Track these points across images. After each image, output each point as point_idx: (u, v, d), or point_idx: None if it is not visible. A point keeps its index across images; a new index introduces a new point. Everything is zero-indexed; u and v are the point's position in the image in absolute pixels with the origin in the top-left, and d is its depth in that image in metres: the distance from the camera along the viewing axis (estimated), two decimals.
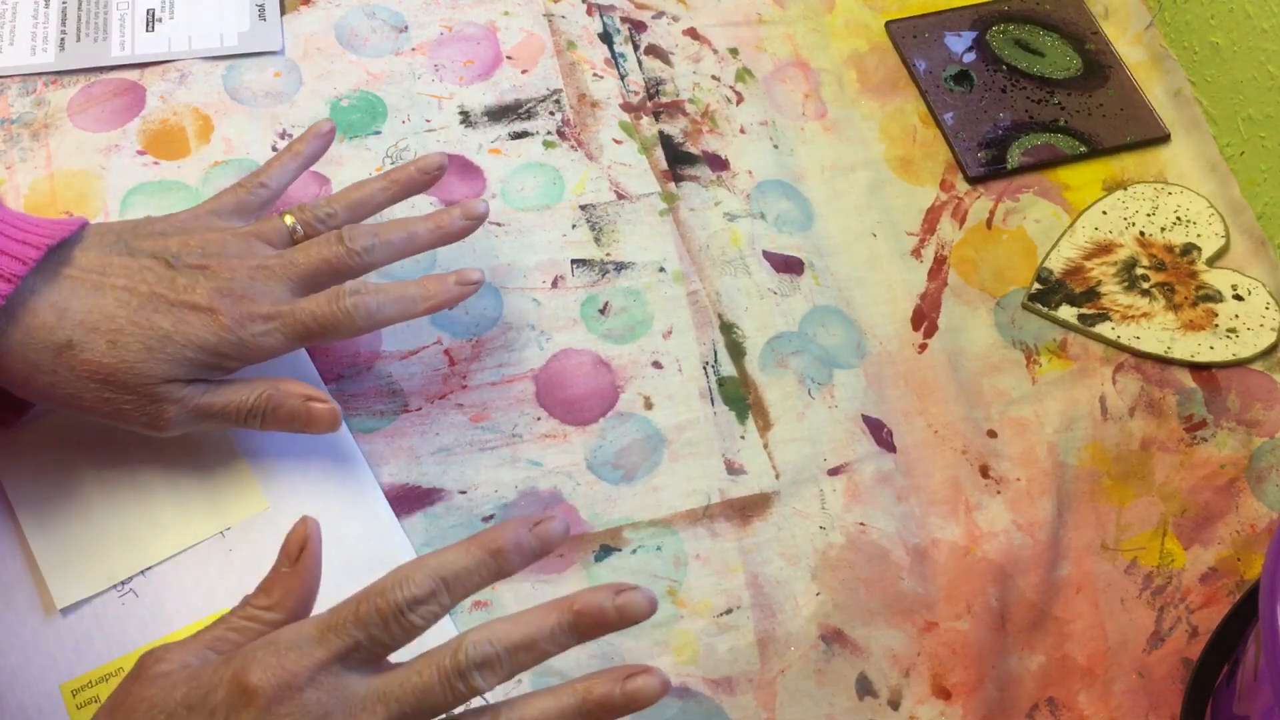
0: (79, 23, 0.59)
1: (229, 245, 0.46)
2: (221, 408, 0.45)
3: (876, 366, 0.55)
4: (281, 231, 0.47)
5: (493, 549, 0.36)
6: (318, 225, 0.48)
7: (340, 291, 0.45)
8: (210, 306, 0.44)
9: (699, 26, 0.64)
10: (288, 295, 0.46)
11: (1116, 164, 0.63)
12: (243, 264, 0.45)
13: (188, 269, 0.44)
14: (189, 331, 0.43)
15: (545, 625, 0.36)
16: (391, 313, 0.46)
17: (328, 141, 0.52)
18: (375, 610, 0.35)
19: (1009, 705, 0.48)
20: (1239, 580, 0.51)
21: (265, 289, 0.45)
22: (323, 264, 0.46)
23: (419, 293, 0.47)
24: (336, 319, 0.45)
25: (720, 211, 0.58)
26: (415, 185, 0.50)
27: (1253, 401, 0.55)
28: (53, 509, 0.46)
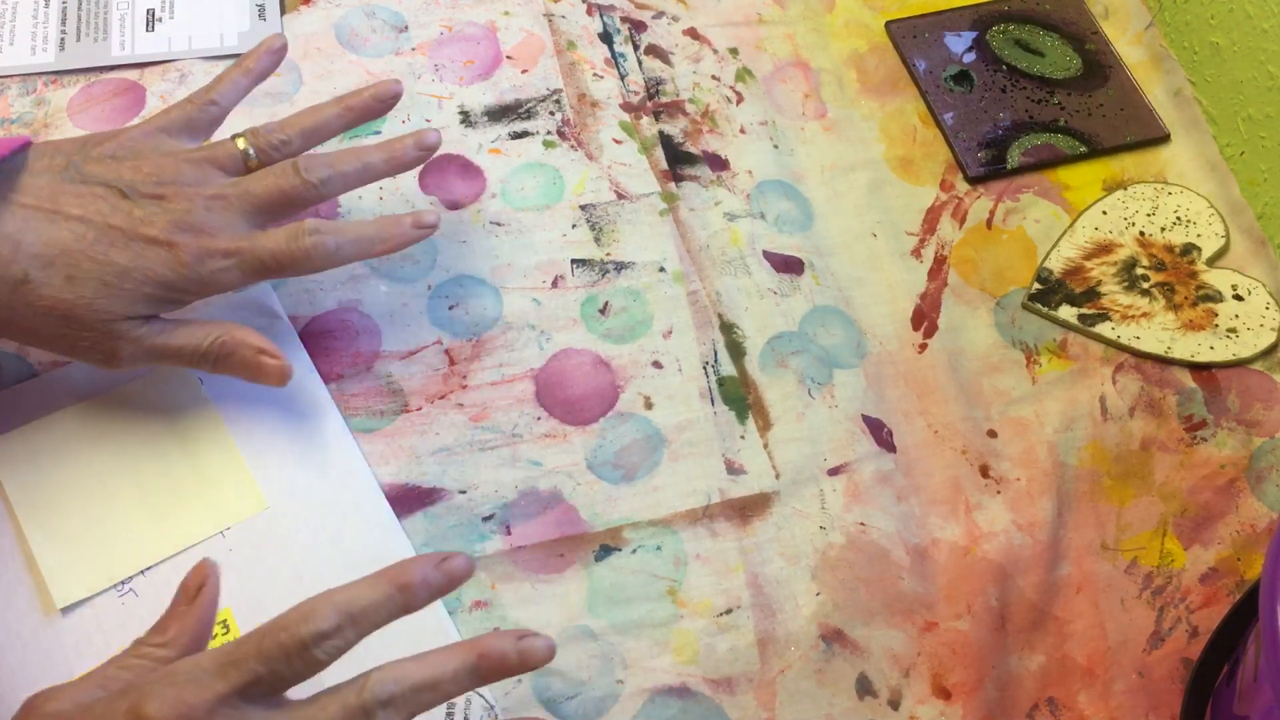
0: (79, 23, 0.59)
1: (184, 172, 0.45)
2: (177, 349, 0.45)
3: (876, 366, 0.55)
4: (235, 156, 0.47)
5: (400, 584, 0.36)
6: (271, 152, 0.47)
7: (300, 230, 0.45)
8: (169, 241, 0.43)
9: (699, 26, 0.64)
10: (245, 227, 0.45)
11: (1116, 164, 0.63)
12: (199, 193, 0.44)
13: (143, 199, 0.43)
14: (147, 267, 0.43)
15: (449, 667, 0.36)
16: (350, 253, 0.46)
17: (279, 58, 0.50)
18: (278, 644, 0.34)
19: (1009, 705, 0.48)
20: (1239, 580, 0.51)
21: (223, 221, 0.44)
22: (279, 194, 0.46)
23: (377, 233, 0.47)
24: (295, 257, 0.45)
25: (720, 211, 0.58)
26: (370, 112, 0.50)
27: (1253, 401, 0.55)
28: (53, 509, 0.46)
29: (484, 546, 0.48)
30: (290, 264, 0.45)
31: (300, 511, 0.47)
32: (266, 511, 0.47)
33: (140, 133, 0.46)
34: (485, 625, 0.46)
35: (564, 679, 0.46)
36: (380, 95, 0.50)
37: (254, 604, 0.45)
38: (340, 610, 0.35)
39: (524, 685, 0.45)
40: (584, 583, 0.48)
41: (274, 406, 0.49)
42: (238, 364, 0.46)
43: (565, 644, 0.46)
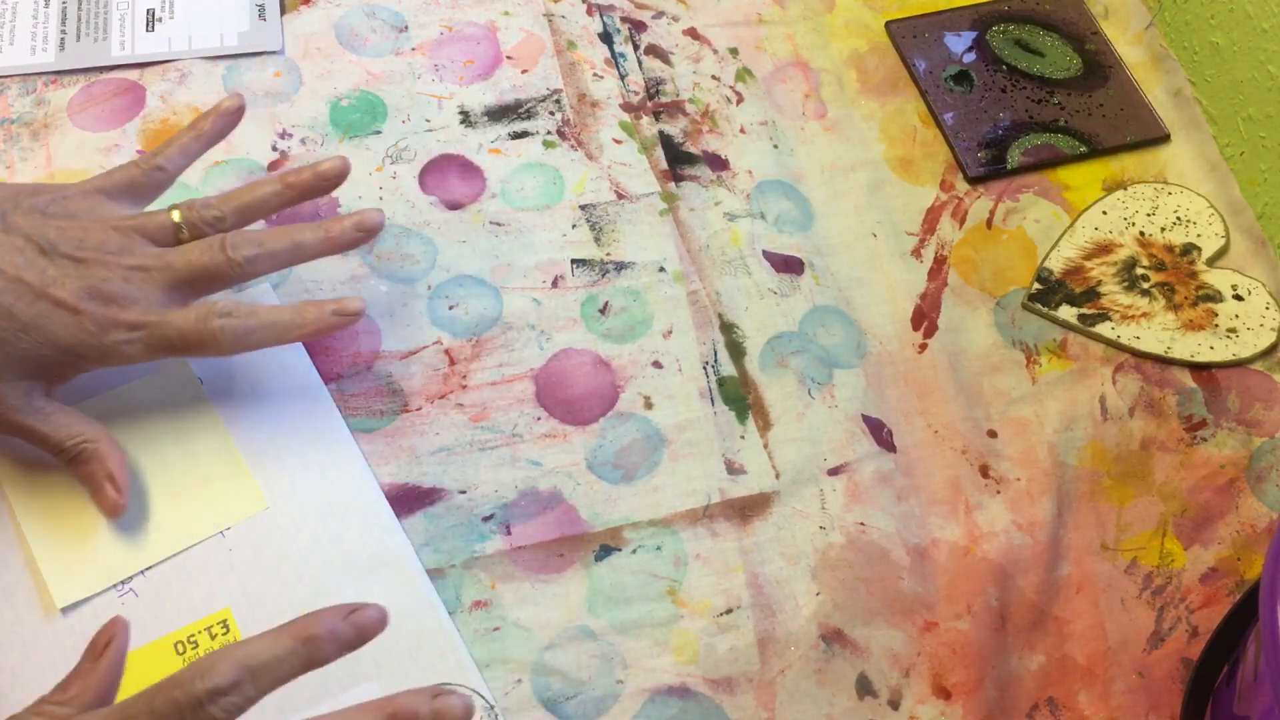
0: (79, 22, 0.59)
1: (109, 240, 0.44)
2: (42, 435, 0.44)
3: (876, 366, 0.55)
4: (166, 228, 0.46)
5: (304, 637, 0.35)
6: (204, 227, 0.46)
7: (210, 311, 0.44)
8: (76, 307, 0.42)
9: (699, 26, 0.64)
10: (161, 301, 0.44)
11: (1116, 164, 0.63)
12: (119, 262, 0.43)
13: (61, 259, 0.43)
14: (47, 327, 0.42)
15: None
16: (261, 338, 0.45)
17: (235, 120, 0.49)
18: (171, 701, 0.33)
19: (1009, 705, 0.48)
20: (1239, 580, 0.51)
21: (139, 293, 0.43)
22: (201, 270, 0.45)
23: (293, 319, 0.46)
24: (203, 339, 0.44)
25: (720, 211, 0.58)
26: (311, 190, 0.48)
27: (1253, 401, 0.55)
28: (53, 509, 0.46)
29: (484, 546, 0.48)
30: (198, 344, 0.44)
31: (300, 511, 0.47)
32: (266, 511, 0.47)
33: (79, 191, 0.45)
34: (485, 625, 0.46)
35: (564, 679, 0.46)
36: (323, 174, 0.48)
37: (253, 604, 0.45)
38: (239, 665, 0.34)
39: (524, 685, 0.45)
40: (584, 583, 0.48)
41: (274, 407, 0.49)
42: (86, 475, 0.45)
43: (565, 644, 0.46)
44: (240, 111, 0.49)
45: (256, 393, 0.49)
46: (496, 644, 0.46)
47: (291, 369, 0.50)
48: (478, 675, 0.45)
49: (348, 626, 0.36)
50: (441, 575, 0.47)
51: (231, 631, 0.45)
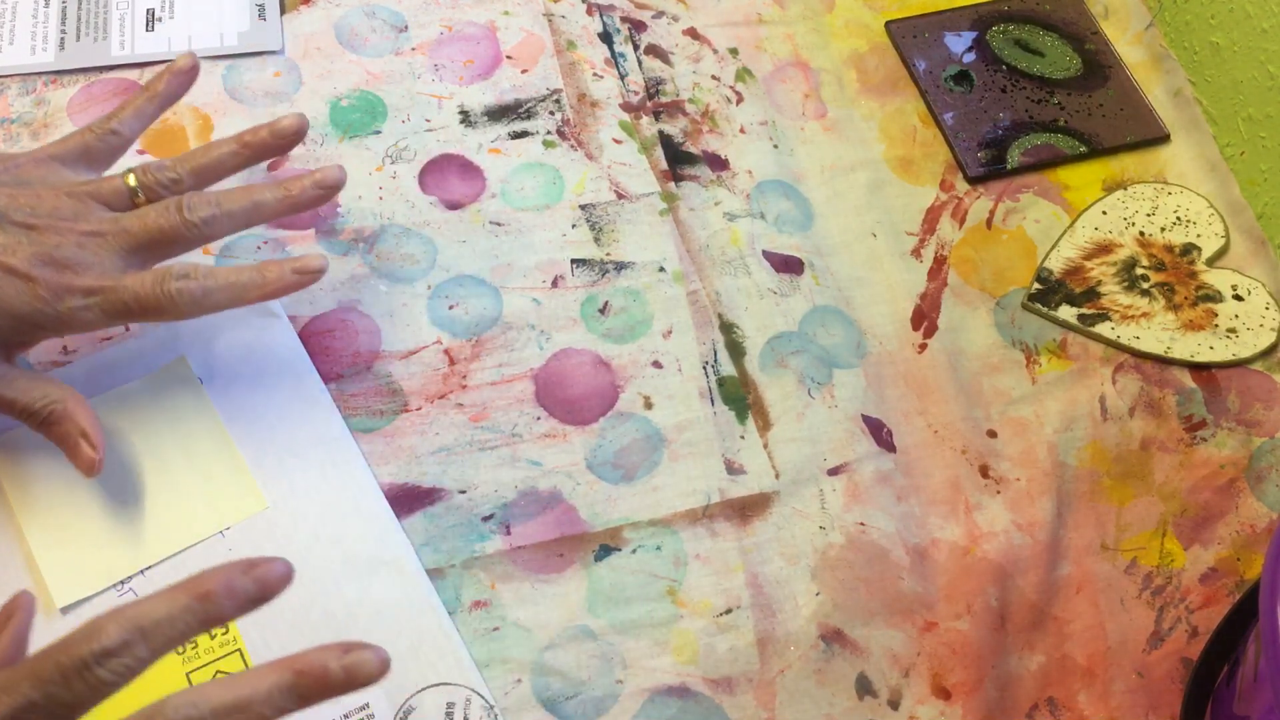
0: (79, 22, 0.59)
1: (62, 205, 0.43)
2: (9, 401, 0.43)
3: (876, 366, 0.55)
4: (121, 192, 0.45)
5: (199, 593, 0.33)
6: (160, 190, 0.45)
7: (167, 274, 0.43)
8: (28, 274, 0.41)
9: (699, 26, 0.64)
10: (117, 266, 0.43)
11: (1116, 164, 0.63)
12: (73, 228, 0.42)
13: (13, 226, 0.42)
14: (2, 300, 0.41)
15: (261, 687, 0.33)
16: (220, 299, 0.44)
17: (189, 79, 0.48)
18: (56, 665, 0.31)
19: (1009, 705, 0.48)
20: (1239, 580, 0.51)
21: (93, 258, 0.42)
22: (158, 233, 0.44)
23: (252, 279, 0.45)
24: (159, 302, 0.43)
25: (720, 211, 0.58)
26: (268, 149, 0.47)
27: (1253, 401, 0.55)
28: (53, 509, 0.46)
29: (484, 546, 0.48)
30: (154, 308, 0.43)
31: (300, 511, 0.47)
32: (266, 511, 0.47)
33: (31, 160, 0.45)
34: (485, 625, 0.46)
35: (564, 679, 0.46)
36: (279, 131, 0.47)
37: None
38: (128, 625, 0.32)
39: (524, 685, 0.45)
40: (584, 583, 0.48)
41: (274, 407, 0.49)
42: (60, 435, 0.43)
43: (565, 644, 0.46)
44: (194, 70, 0.48)
45: (256, 393, 0.49)
46: (496, 644, 0.46)
47: (291, 369, 0.50)
48: (478, 675, 0.45)
49: (248, 581, 0.34)
50: (441, 575, 0.47)
51: (231, 631, 0.45)
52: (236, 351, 0.50)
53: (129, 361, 0.50)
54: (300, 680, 0.33)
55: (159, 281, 0.43)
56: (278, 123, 0.47)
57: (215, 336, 0.50)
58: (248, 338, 0.51)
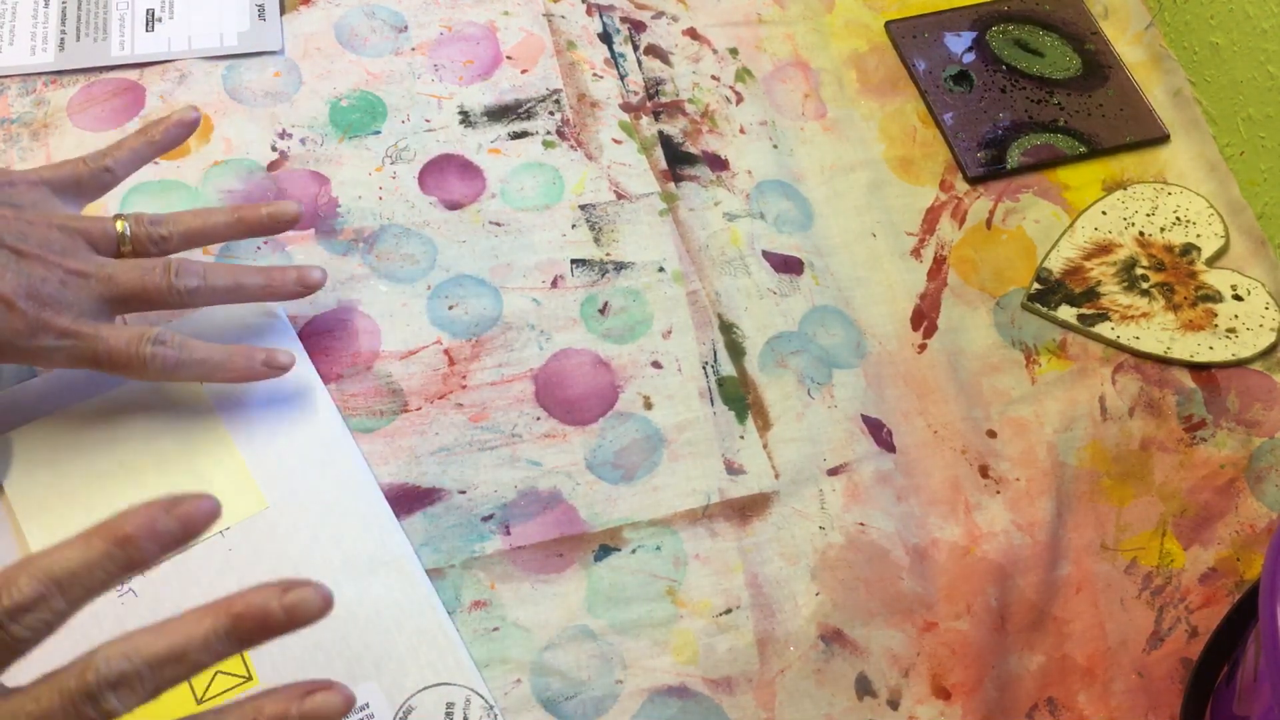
0: (79, 22, 0.59)
1: (53, 238, 0.43)
2: None
3: (876, 366, 0.55)
4: (110, 236, 0.45)
5: (118, 537, 0.31)
6: (149, 244, 0.46)
7: (145, 336, 0.43)
8: (10, 301, 0.41)
9: (699, 26, 0.64)
10: (94, 311, 0.44)
11: (1116, 164, 0.63)
12: (60, 263, 0.43)
13: (4, 250, 0.42)
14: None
15: (197, 633, 0.31)
16: (190, 373, 0.45)
17: (188, 131, 0.49)
18: None
19: (1009, 705, 0.48)
20: (1239, 580, 0.51)
21: (74, 300, 0.43)
22: (141, 290, 0.44)
23: (223, 360, 0.46)
24: (130, 362, 0.43)
25: (720, 211, 0.58)
26: (261, 228, 0.49)
27: (1252, 401, 0.55)
28: (53, 509, 0.46)
29: (483, 546, 0.48)
30: (124, 366, 0.43)
31: (300, 511, 0.47)
32: (266, 511, 0.47)
33: (25, 181, 0.45)
34: (485, 625, 0.46)
35: (563, 679, 0.46)
36: (276, 214, 0.48)
37: None
38: (41, 576, 0.30)
39: (523, 685, 0.45)
40: (583, 583, 0.48)
41: (274, 407, 0.49)
42: None
43: (565, 644, 0.46)
44: (195, 124, 0.49)
45: (256, 393, 0.49)
46: (496, 644, 0.46)
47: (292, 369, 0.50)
48: (477, 675, 0.45)
49: (170, 520, 0.32)
50: (441, 575, 0.47)
51: None
52: None
53: None
54: (239, 624, 0.32)
55: (135, 342, 0.43)
56: (277, 207, 0.48)
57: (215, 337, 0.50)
58: (247, 338, 0.51)
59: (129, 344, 0.43)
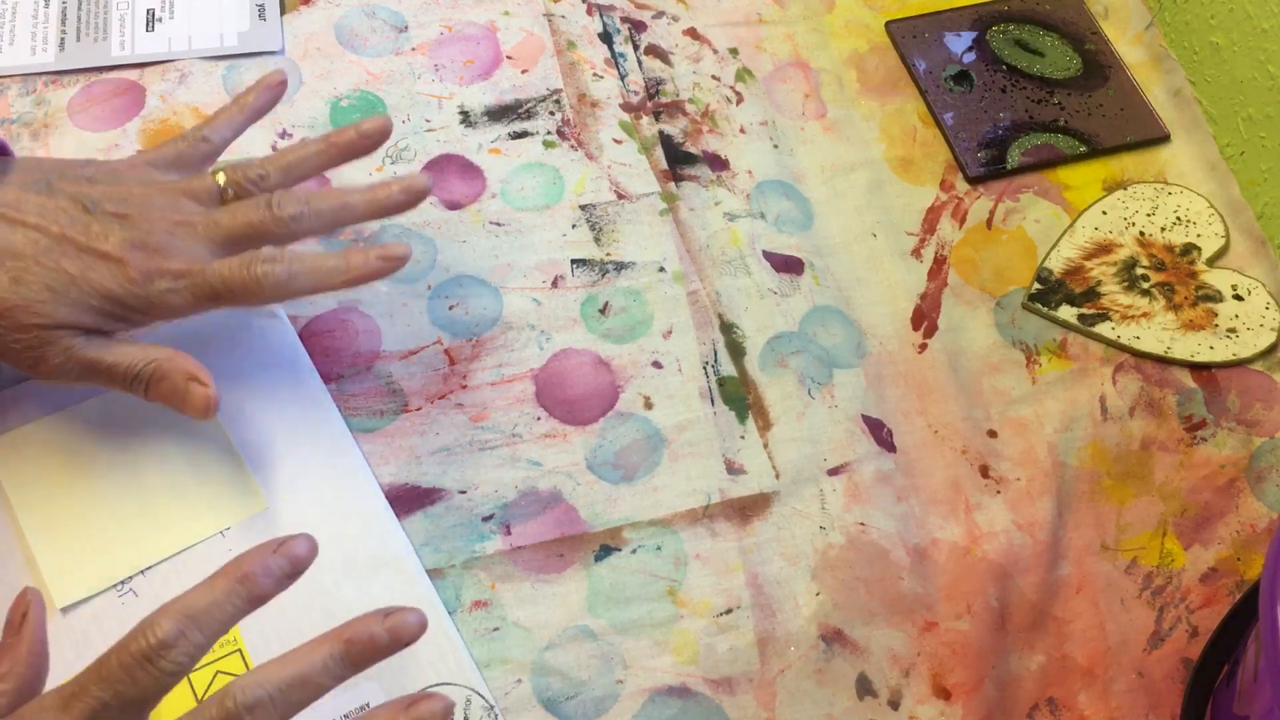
0: (79, 22, 0.59)
1: (154, 198, 0.45)
2: (109, 366, 0.44)
3: (876, 366, 0.55)
4: (211, 190, 0.46)
5: (239, 576, 0.35)
6: (249, 186, 0.47)
7: (254, 258, 0.44)
8: (119, 257, 0.43)
9: (699, 26, 0.65)
10: (205, 255, 0.44)
11: (1116, 164, 0.63)
12: (164, 217, 0.44)
13: (105, 215, 0.43)
14: (95, 279, 0.43)
15: (316, 660, 0.35)
16: (305, 284, 0.45)
17: (278, 94, 0.50)
18: (119, 665, 0.33)
19: (1009, 705, 0.48)
20: (1239, 580, 0.51)
21: (183, 245, 0.44)
22: (247, 227, 0.45)
23: (337, 265, 0.46)
24: (245, 284, 0.44)
25: (720, 211, 0.58)
26: (355, 149, 0.49)
27: (1253, 401, 0.55)
28: (53, 509, 0.46)
29: (484, 546, 0.48)
30: (241, 291, 0.44)
31: (300, 511, 0.47)
32: (266, 511, 0.47)
33: (127, 163, 0.46)
34: (485, 625, 0.46)
35: (564, 679, 0.46)
36: (366, 131, 0.48)
37: None
38: (179, 615, 0.34)
39: (524, 685, 0.45)
40: (584, 583, 0.48)
41: (274, 407, 0.49)
42: (168, 390, 0.44)
43: (565, 644, 0.46)
44: (283, 86, 0.50)
45: (256, 393, 0.49)
46: (496, 644, 0.46)
47: (291, 369, 0.50)
48: (478, 675, 0.45)
49: (279, 558, 0.36)
50: (441, 575, 0.47)
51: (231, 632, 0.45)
52: (237, 351, 0.50)
53: None
54: (351, 648, 0.35)
55: (246, 264, 0.44)
56: (362, 124, 0.48)
57: (215, 337, 0.50)
58: (248, 338, 0.51)
59: (241, 268, 0.44)
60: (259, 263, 0.44)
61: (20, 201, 0.43)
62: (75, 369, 0.43)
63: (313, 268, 0.45)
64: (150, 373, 0.44)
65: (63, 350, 0.43)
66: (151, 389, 0.44)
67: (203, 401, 0.44)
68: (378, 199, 0.47)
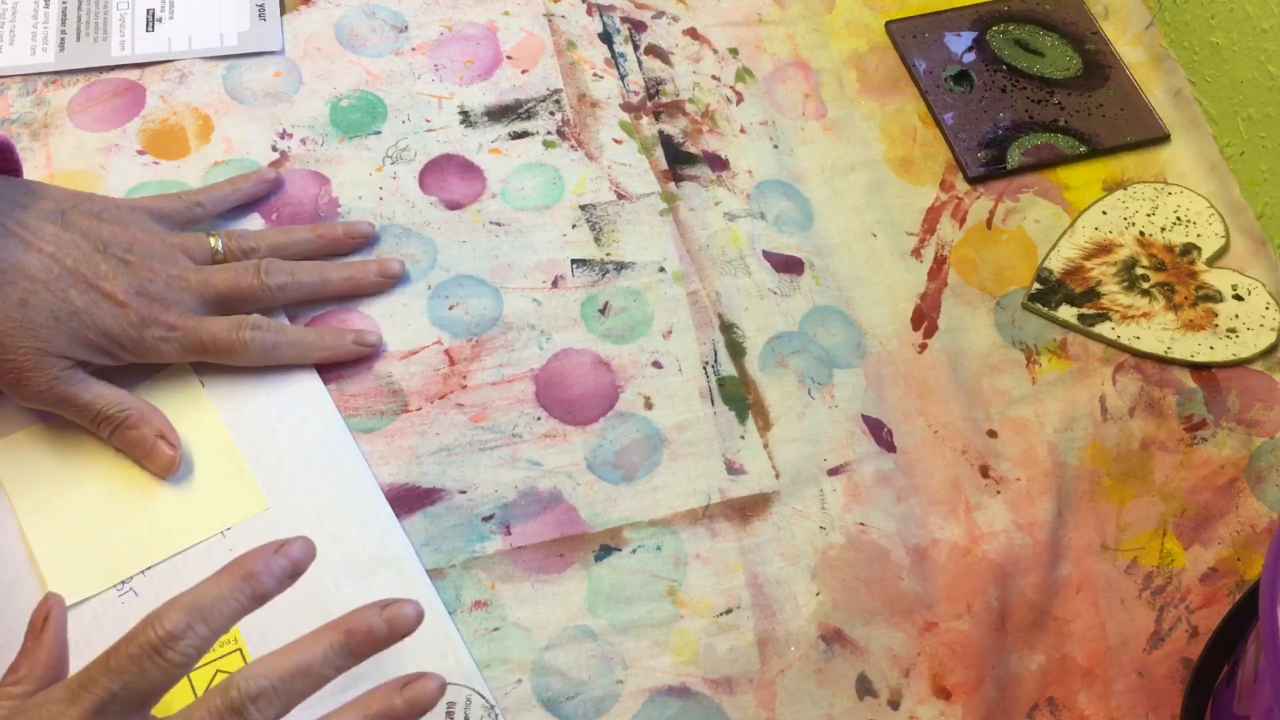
0: (79, 23, 0.59)
1: (155, 249, 0.48)
2: (85, 404, 0.46)
3: (876, 366, 0.55)
4: (205, 249, 0.50)
5: (244, 573, 0.37)
6: (239, 254, 0.51)
7: (243, 323, 0.48)
8: (123, 300, 0.46)
9: (699, 26, 0.64)
10: (196, 310, 0.48)
11: (1116, 164, 0.63)
12: (163, 269, 0.48)
13: (113, 259, 0.47)
14: (97, 315, 0.46)
15: (318, 650, 0.36)
16: (286, 354, 0.49)
17: (270, 188, 0.55)
18: (127, 656, 0.34)
19: (1009, 705, 0.48)
20: (1239, 580, 0.51)
21: (177, 299, 0.48)
22: (235, 289, 0.49)
23: (316, 341, 0.50)
24: (233, 346, 0.48)
25: (720, 211, 0.58)
26: (339, 246, 0.53)
27: (1253, 401, 0.55)
28: (53, 509, 0.46)
29: (484, 546, 0.48)
30: (228, 351, 0.48)
31: (300, 511, 0.47)
32: (266, 511, 0.47)
33: (128, 206, 0.50)
34: (485, 625, 0.46)
35: (564, 679, 0.46)
36: (352, 233, 0.53)
37: None
38: (186, 608, 0.35)
39: (524, 685, 0.45)
40: (584, 583, 0.48)
41: (274, 407, 0.49)
42: (135, 440, 0.47)
43: (565, 644, 0.46)
44: (277, 181, 0.55)
45: (256, 393, 0.50)
46: (496, 644, 0.46)
47: (291, 369, 0.50)
48: (478, 675, 0.45)
49: (280, 558, 0.38)
50: (441, 575, 0.47)
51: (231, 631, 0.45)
52: None
53: None
54: (351, 638, 0.37)
55: (235, 328, 0.48)
56: (353, 225, 0.54)
57: None
58: None
59: (231, 330, 0.48)
60: (248, 328, 0.48)
61: (39, 229, 0.46)
62: (52, 398, 0.46)
63: (295, 340, 0.50)
64: (122, 419, 0.47)
65: (48, 378, 0.45)
66: (118, 435, 0.47)
67: (167, 462, 0.47)
68: (354, 278, 0.52)
